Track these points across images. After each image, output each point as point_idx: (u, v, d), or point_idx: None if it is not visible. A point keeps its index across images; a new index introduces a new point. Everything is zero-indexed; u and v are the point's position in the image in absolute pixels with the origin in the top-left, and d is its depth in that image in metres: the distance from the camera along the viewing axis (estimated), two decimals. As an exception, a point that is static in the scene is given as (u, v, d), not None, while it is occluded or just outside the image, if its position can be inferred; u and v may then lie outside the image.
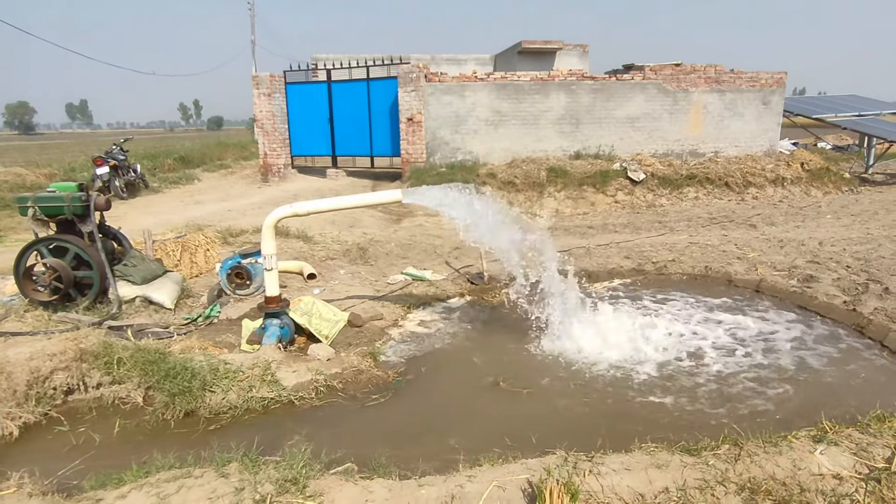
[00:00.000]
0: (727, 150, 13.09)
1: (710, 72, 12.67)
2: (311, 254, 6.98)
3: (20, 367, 3.46)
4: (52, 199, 4.48)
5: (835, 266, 6.16)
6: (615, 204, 11.09)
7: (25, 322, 4.34)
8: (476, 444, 2.99)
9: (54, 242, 4.57)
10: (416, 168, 12.00)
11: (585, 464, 2.57)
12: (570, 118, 12.52)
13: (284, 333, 4.18)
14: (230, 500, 2.30)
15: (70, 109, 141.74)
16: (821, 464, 2.54)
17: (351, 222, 8.98)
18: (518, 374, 3.96)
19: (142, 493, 2.39)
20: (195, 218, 9.02)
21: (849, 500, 2.32)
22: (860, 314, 4.78)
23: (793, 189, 11.95)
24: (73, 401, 3.61)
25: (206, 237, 6.19)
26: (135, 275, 4.81)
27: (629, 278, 6.29)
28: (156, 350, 3.76)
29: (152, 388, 3.58)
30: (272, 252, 4.14)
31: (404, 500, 2.36)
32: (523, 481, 2.45)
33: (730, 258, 6.69)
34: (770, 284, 5.73)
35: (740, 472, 2.50)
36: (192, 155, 18.19)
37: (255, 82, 13.32)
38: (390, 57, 13.48)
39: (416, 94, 11.87)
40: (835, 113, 14.60)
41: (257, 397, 3.54)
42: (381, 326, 4.80)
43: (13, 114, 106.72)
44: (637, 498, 2.36)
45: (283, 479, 2.43)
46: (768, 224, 8.88)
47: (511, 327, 4.81)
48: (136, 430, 3.34)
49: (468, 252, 7.23)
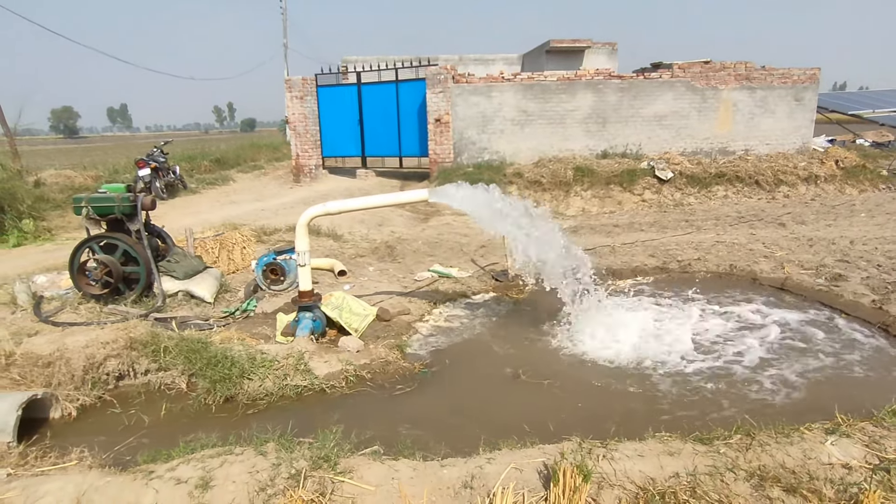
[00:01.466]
0: (758, 147, 12.89)
1: (741, 69, 12.50)
2: (341, 251, 7.23)
3: (77, 354, 3.77)
4: (103, 199, 4.82)
5: (865, 265, 6.08)
6: (642, 203, 11.07)
7: (79, 313, 4.68)
8: (496, 431, 3.14)
9: (105, 240, 4.90)
10: (444, 168, 12.19)
11: (599, 450, 2.70)
12: (597, 117, 12.53)
13: (317, 326, 4.41)
14: (268, 473, 2.52)
15: (111, 113, 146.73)
16: (831, 454, 2.62)
17: (379, 221, 9.22)
18: (539, 367, 4.10)
19: (189, 466, 2.63)
20: (231, 217, 9.41)
21: (856, 488, 2.39)
22: (887, 312, 4.75)
23: (826, 187, 11.70)
24: (123, 386, 3.90)
25: (243, 235, 6.50)
26: (178, 270, 5.12)
27: (653, 276, 6.34)
28: (198, 340, 4.03)
29: (195, 375, 3.85)
30: (306, 249, 4.36)
31: (428, 478, 2.53)
32: (539, 464, 2.60)
33: (756, 257, 6.67)
34: (796, 282, 5.72)
35: (750, 460, 2.59)
36: (227, 157, 18.77)
37: (288, 86, 13.71)
38: (419, 59, 13.71)
39: (444, 96, 12.06)
40: (872, 109, 14.22)
41: (291, 385, 3.77)
42: (408, 321, 5.00)
43: (58, 118, 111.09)
44: (648, 481, 2.48)
45: (316, 456, 2.63)
46: (798, 223, 8.76)
47: (534, 322, 4.94)
48: (180, 413, 3.61)
49: (494, 250, 7.38)
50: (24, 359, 3.70)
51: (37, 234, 8.36)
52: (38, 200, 9.53)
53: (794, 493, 2.39)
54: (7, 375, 3.54)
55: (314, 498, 2.36)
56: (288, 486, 2.43)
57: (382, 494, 2.45)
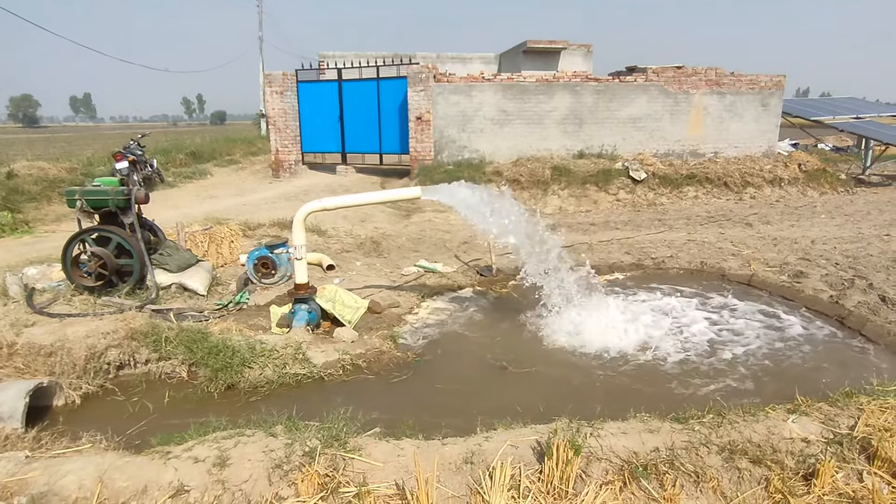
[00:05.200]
0: (727, 150, 13.44)
1: (711, 74, 13.01)
2: (327, 246, 7.36)
3: (79, 344, 3.86)
4: (97, 192, 4.87)
5: (824, 263, 6.52)
6: (617, 202, 11.45)
7: (73, 305, 4.71)
8: (489, 414, 3.36)
9: (98, 233, 4.95)
10: (424, 165, 12.37)
11: (587, 429, 2.94)
12: (574, 118, 12.88)
13: (312, 317, 4.57)
14: (283, 452, 2.69)
15: (74, 103, 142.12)
16: (792, 430, 2.93)
17: (362, 217, 9.35)
18: (525, 356, 4.36)
19: (204, 447, 2.77)
20: (212, 212, 9.41)
21: (814, 459, 2.70)
22: (842, 306, 5.15)
23: (790, 189, 12.30)
24: (123, 375, 4.00)
25: (231, 230, 6.57)
26: (170, 263, 5.20)
27: (629, 272, 6.67)
28: (198, 330, 4.15)
29: (196, 364, 3.98)
30: (302, 243, 4.51)
31: (431, 455, 2.74)
32: (533, 441, 2.83)
33: (725, 255, 7.06)
34: (761, 279, 6.11)
35: (721, 436, 2.88)
36: (202, 150, 18.52)
37: (268, 80, 13.69)
38: (400, 57, 13.85)
39: (425, 94, 12.23)
40: (833, 115, 14.94)
41: (291, 373, 3.93)
42: (398, 313, 5.19)
43: (17, 106, 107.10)
44: (632, 455, 2.74)
45: (326, 436, 2.81)
46: (764, 223, 9.24)
47: (518, 315, 5.19)
48: (183, 401, 3.74)
49: (476, 246, 7.62)
50: (26, 349, 3.77)
51: (14, 226, 8.24)
52: (13, 192, 9.38)
53: (760, 463, 2.69)
54: (11, 364, 3.61)
55: (328, 473, 2.55)
56: (303, 462, 2.60)
57: (390, 470, 2.64)
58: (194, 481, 2.52)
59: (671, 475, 2.60)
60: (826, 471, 2.55)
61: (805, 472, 2.63)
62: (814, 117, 14.75)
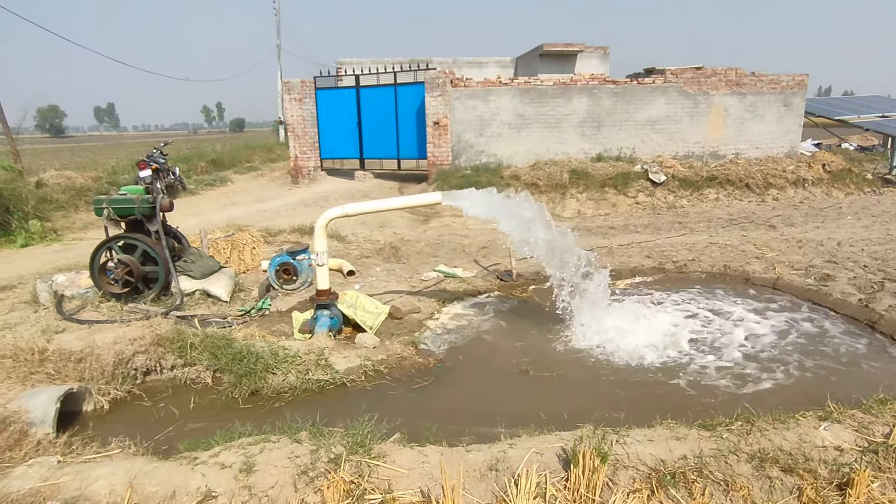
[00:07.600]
0: (748, 151, 13.25)
1: (731, 75, 12.84)
2: (346, 252, 7.40)
3: (107, 350, 3.92)
4: (124, 201, 4.96)
5: (852, 265, 6.38)
6: (636, 205, 11.35)
7: (101, 312, 4.81)
8: (512, 420, 3.35)
9: (124, 240, 5.05)
10: (442, 170, 12.39)
11: (612, 436, 2.91)
12: (592, 121, 12.81)
13: (334, 323, 4.60)
14: (309, 458, 2.70)
15: (98, 112, 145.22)
16: (824, 438, 2.86)
17: (381, 223, 9.40)
18: (547, 361, 4.33)
19: (231, 453, 2.80)
20: (233, 218, 9.55)
21: (848, 468, 2.63)
22: (873, 310, 5.03)
23: (814, 190, 12.07)
24: (150, 380, 4.06)
25: (252, 236, 6.65)
26: (194, 270, 5.27)
27: (650, 276, 6.59)
28: (222, 336, 4.20)
29: (220, 370, 4.02)
30: (324, 249, 4.55)
31: (455, 462, 2.73)
32: (558, 448, 2.81)
33: (748, 258, 6.94)
34: (786, 282, 5.99)
35: (751, 444, 2.82)
36: (222, 157, 18.84)
37: (287, 88, 13.85)
38: (416, 62, 13.91)
39: (443, 99, 12.27)
40: (857, 114, 14.64)
41: (313, 379, 3.95)
42: (418, 319, 5.19)
43: (44, 117, 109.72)
44: (659, 463, 2.70)
45: (351, 442, 2.82)
46: (788, 225, 9.08)
47: (540, 319, 5.16)
48: (209, 406, 3.78)
49: (495, 251, 7.61)
50: (57, 355, 3.84)
51: (43, 234, 8.45)
52: (42, 201, 9.60)
53: (792, 472, 2.63)
54: (42, 370, 3.69)
55: (354, 479, 2.55)
56: (328, 468, 2.61)
57: (415, 477, 2.64)
58: (221, 487, 2.55)
59: (700, 483, 2.56)
60: (861, 480, 2.48)
61: (839, 482, 2.57)
62: (837, 117, 14.47)
